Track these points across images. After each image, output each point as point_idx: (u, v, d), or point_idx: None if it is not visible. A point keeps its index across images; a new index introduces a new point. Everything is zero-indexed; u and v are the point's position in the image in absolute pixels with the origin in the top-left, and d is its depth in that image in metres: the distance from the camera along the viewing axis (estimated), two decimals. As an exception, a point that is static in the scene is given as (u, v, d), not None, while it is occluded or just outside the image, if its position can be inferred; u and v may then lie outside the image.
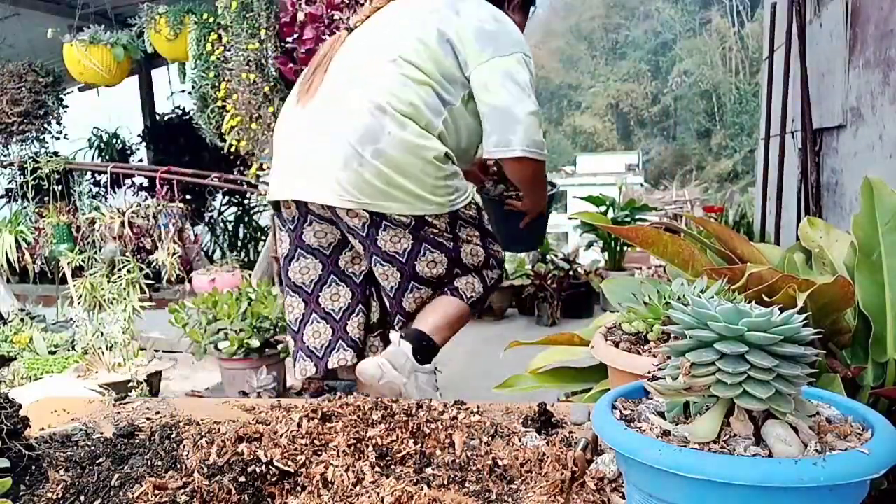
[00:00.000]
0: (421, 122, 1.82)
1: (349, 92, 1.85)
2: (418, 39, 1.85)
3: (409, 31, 1.87)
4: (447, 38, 1.85)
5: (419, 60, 1.83)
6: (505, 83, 1.83)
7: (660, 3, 30.94)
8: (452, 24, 1.86)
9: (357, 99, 1.82)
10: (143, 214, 3.70)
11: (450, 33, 1.85)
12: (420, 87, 1.83)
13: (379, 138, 1.78)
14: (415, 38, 1.86)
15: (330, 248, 1.99)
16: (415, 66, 1.83)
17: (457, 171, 1.92)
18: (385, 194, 1.80)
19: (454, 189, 1.90)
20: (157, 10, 3.83)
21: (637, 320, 1.13)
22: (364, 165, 1.78)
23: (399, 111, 1.80)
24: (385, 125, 1.79)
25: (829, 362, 1.08)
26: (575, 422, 1.15)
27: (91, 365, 2.70)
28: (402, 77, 1.82)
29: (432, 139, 1.83)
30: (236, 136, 3.43)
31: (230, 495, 0.88)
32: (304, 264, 2.00)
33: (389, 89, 1.81)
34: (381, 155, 1.78)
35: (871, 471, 0.59)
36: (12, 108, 4.32)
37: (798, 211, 2.95)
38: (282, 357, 2.75)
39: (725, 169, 24.40)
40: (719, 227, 1.38)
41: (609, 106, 30.57)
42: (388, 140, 1.78)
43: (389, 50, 1.85)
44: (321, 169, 1.83)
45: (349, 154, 1.79)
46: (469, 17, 1.88)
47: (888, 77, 2.08)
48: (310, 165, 1.86)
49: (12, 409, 1.00)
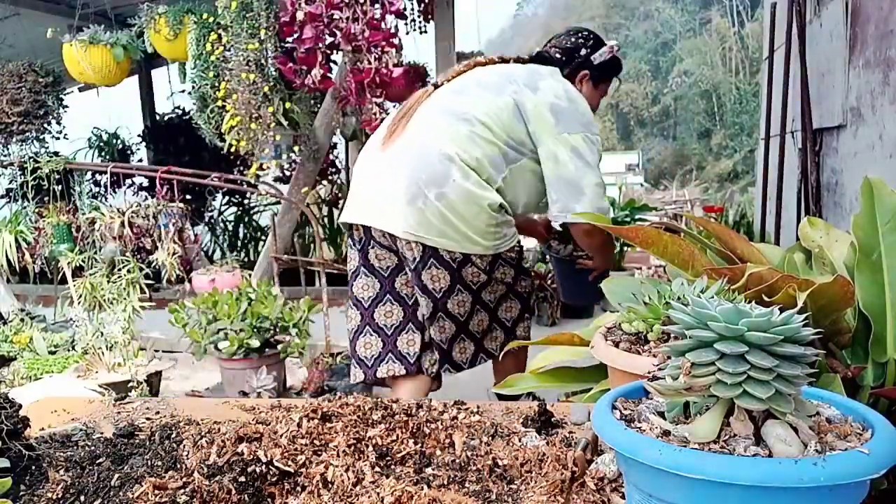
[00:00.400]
0: (483, 174, 2.05)
1: (425, 141, 2.09)
2: (493, 105, 2.09)
3: (486, 96, 2.12)
4: (521, 110, 2.09)
5: (490, 123, 2.07)
6: (572, 157, 2.07)
7: (660, 3, 30.94)
8: (529, 99, 2.10)
9: (430, 147, 2.06)
10: (143, 214, 3.70)
11: (525, 106, 2.09)
12: (487, 145, 2.06)
13: (444, 184, 2.02)
14: (490, 103, 2.10)
15: (388, 270, 2.20)
16: (486, 126, 2.06)
17: (508, 220, 2.13)
18: (440, 232, 2.03)
19: (502, 235, 2.12)
20: (156, 10, 3.83)
21: (637, 320, 1.13)
22: (427, 205, 2.01)
23: (465, 162, 2.03)
24: (451, 173, 2.02)
25: (829, 362, 1.08)
26: (575, 422, 1.15)
27: (91, 365, 2.70)
28: (473, 134, 2.05)
29: (490, 191, 2.05)
30: (236, 136, 3.43)
31: (230, 495, 0.88)
32: (365, 282, 2.22)
33: (459, 143, 2.04)
34: (444, 198, 2.01)
35: (871, 471, 0.59)
36: (12, 108, 4.32)
37: (798, 211, 2.95)
38: (282, 357, 2.75)
39: (725, 169, 24.39)
40: (719, 227, 1.38)
41: (609, 106, 30.54)
42: (451, 186, 2.01)
43: (465, 110, 2.09)
44: (391, 203, 2.07)
45: (416, 193, 2.02)
46: (545, 94, 2.11)
47: (888, 77, 2.08)
48: (381, 198, 2.11)
49: (12, 409, 1.00)
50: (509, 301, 2.30)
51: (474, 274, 2.14)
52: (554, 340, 1.52)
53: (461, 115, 2.09)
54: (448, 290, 2.11)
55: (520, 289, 2.30)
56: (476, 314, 2.23)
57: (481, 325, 2.26)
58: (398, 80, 3.10)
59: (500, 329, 2.31)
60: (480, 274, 2.15)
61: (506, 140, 2.08)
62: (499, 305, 2.29)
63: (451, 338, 2.20)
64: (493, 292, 2.24)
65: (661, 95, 29.60)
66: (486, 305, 2.24)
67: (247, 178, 3.86)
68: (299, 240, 5.44)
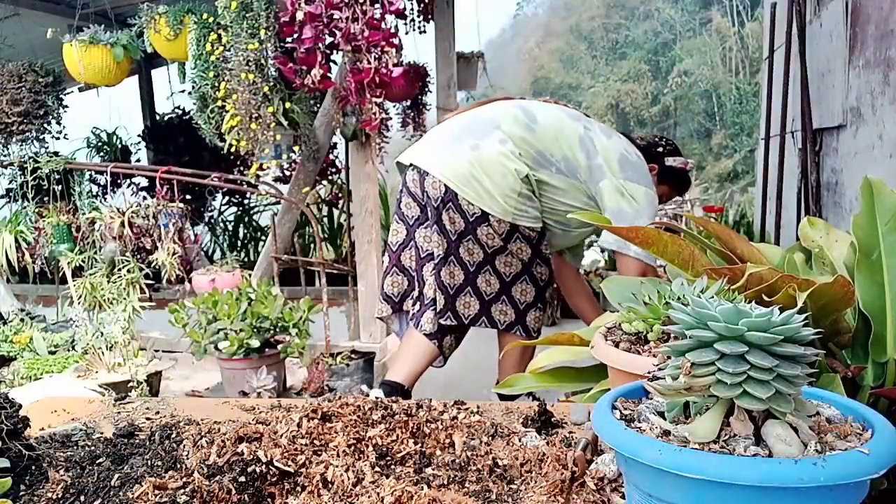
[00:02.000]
0: (518, 150, 2.23)
1: (486, 114, 2.36)
2: (563, 124, 2.32)
3: (560, 115, 2.36)
4: (587, 143, 2.30)
5: (551, 133, 2.29)
6: (635, 197, 2.26)
7: (660, 3, 30.90)
8: (600, 140, 2.32)
9: (486, 117, 2.33)
10: (143, 214, 3.69)
11: (594, 142, 2.31)
12: (536, 142, 2.26)
13: (482, 140, 2.24)
14: (560, 122, 2.32)
15: (413, 220, 2.42)
16: (545, 132, 2.28)
17: (531, 197, 2.26)
18: (465, 180, 2.21)
19: (523, 207, 2.25)
20: (156, 10, 3.82)
21: (637, 320, 1.13)
22: (460, 152, 2.24)
23: (509, 135, 2.25)
24: (492, 135, 2.25)
25: (829, 362, 1.08)
26: (575, 422, 1.15)
27: (91, 365, 2.70)
28: (529, 128, 2.28)
29: (520, 163, 2.22)
30: (236, 136, 3.42)
31: (230, 495, 0.88)
32: (395, 228, 2.47)
33: (511, 125, 2.27)
34: (477, 149, 2.23)
35: (871, 471, 0.59)
36: (12, 108, 4.31)
37: (798, 211, 2.95)
38: (282, 357, 2.75)
39: (725, 169, 24.35)
40: (719, 227, 1.38)
41: (609, 106, 30.53)
42: (487, 144, 2.23)
43: (535, 114, 2.32)
44: (433, 145, 2.36)
45: (455, 139, 2.29)
46: (617, 144, 2.35)
47: (888, 77, 2.08)
48: (426, 142, 2.42)
49: (12, 409, 0.99)
50: (525, 284, 2.38)
51: (489, 236, 2.26)
52: (554, 340, 1.52)
53: (527, 113, 2.31)
54: (462, 234, 2.26)
55: (536, 273, 2.39)
56: (485, 272, 2.33)
57: (490, 287, 2.35)
58: (398, 79, 3.10)
59: (510, 305, 2.38)
60: (496, 237, 2.27)
61: (556, 159, 2.27)
62: (514, 282, 2.37)
63: (459, 287, 2.32)
64: (508, 265, 2.34)
65: (661, 95, 29.58)
66: (499, 273, 2.34)
67: (247, 178, 3.86)
68: (299, 240, 5.44)
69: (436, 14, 4.14)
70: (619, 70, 31.15)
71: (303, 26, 3.05)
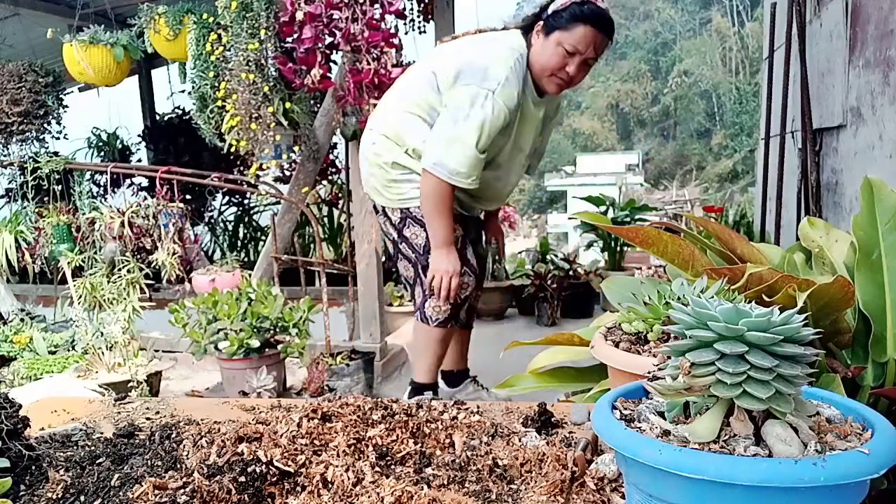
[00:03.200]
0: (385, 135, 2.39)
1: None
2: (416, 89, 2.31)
3: (414, 74, 2.38)
4: (437, 85, 2.30)
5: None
6: (449, 105, 2.25)
7: (660, 3, 30.92)
8: (445, 78, 2.28)
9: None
10: (143, 214, 3.70)
11: (440, 86, 2.31)
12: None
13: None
14: (415, 82, 2.32)
15: None
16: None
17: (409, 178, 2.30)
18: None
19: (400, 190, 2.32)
20: (156, 10, 3.82)
21: (637, 320, 1.13)
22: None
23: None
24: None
25: (829, 362, 1.08)
26: (575, 422, 1.15)
27: (91, 365, 2.70)
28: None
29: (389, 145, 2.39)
30: (236, 136, 3.42)
31: (230, 495, 0.88)
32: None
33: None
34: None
35: (871, 471, 0.59)
36: (12, 108, 4.31)
37: (798, 211, 2.95)
38: (282, 357, 2.75)
39: (725, 169, 24.37)
40: (719, 227, 1.38)
41: (609, 106, 30.54)
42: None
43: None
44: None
45: None
46: (457, 63, 2.26)
47: (888, 77, 2.08)
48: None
49: (12, 409, 0.99)
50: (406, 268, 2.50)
51: (386, 223, 2.51)
52: (554, 340, 1.52)
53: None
54: (390, 234, 2.49)
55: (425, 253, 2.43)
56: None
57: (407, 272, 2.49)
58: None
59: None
60: (393, 226, 2.45)
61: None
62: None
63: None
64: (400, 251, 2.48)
65: (660, 95, 29.59)
66: (398, 252, 2.48)
67: (247, 178, 3.86)
68: (299, 240, 5.44)
69: (436, 14, 4.14)
70: (619, 70, 31.15)
71: (302, 26, 3.05)
